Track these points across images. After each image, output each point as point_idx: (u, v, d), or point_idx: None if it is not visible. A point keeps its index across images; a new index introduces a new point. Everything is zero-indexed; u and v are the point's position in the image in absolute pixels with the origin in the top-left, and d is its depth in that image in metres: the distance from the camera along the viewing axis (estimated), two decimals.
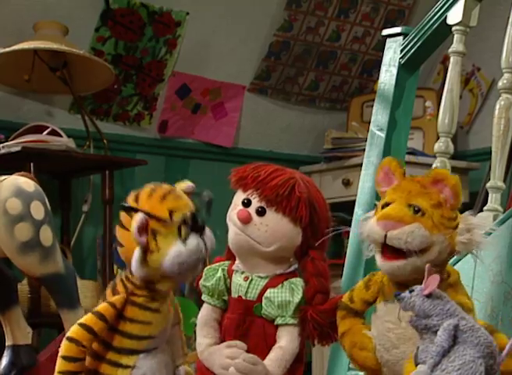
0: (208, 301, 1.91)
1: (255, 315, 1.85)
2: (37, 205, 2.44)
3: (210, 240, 1.80)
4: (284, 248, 1.86)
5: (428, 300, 1.62)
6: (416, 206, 1.74)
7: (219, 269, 1.91)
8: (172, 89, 4.16)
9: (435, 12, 2.61)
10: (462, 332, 1.59)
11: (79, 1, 3.85)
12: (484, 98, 4.28)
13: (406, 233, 1.72)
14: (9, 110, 3.83)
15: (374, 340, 1.79)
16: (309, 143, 4.45)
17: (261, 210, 1.84)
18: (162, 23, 4.03)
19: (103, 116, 4.04)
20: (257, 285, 1.86)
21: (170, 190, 1.82)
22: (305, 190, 1.86)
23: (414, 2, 4.37)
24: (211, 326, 1.90)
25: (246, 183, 1.87)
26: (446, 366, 1.56)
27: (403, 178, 1.80)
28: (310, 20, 4.26)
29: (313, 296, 1.85)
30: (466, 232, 1.73)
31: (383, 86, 2.71)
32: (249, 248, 1.86)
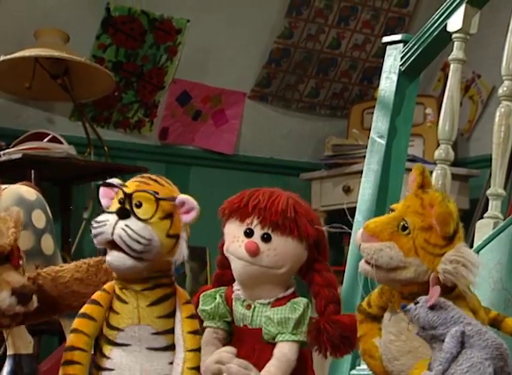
0: (210, 324, 1.90)
1: (263, 342, 1.85)
2: (38, 213, 2.44)
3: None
4: (293, 267, 1.87)
5: (431, 311, 1.62)
6: (405, 223, 1.72)
7: (217, 295, 1.91)
8: (173, 96, 4.16)
9: (436, 19, 2.62)
10: (469, 337, 1.59)
11: (80, 8, 3.85)
12: (484, 105, 4.29)
13: (373, 250, 1.71)
14: (10, 117, 3.84)
15: (380, 349, 1.79)
16: (309, 150, 4.45)
17: (266, 237, 1.84)
18: (163, 31, 4.04)
19: (104, 123, 4.05)
20: (261, 312, 1.86)
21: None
22: (298, 210, 1.86)
23: (414, 10, 4.38)
24: (213, 344, 1.89)
25: (245, 212, 1.87)
26: (455, 370, 1.57)
27: (416, 190, 1.76)
28: (310, 27, 4.27)
29: (325, 307, 1.85)
30: (449, 263, 1.68)
31: (383, 93, 2.71)
32: (261, 276, 1.86)
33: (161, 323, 1.83)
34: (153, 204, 1.80)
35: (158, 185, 1.83)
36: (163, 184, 1.84)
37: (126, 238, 1.77)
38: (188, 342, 1.81)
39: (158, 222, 1.80)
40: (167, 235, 1.80)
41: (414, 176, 1.78)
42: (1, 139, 3.65)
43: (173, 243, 1.81)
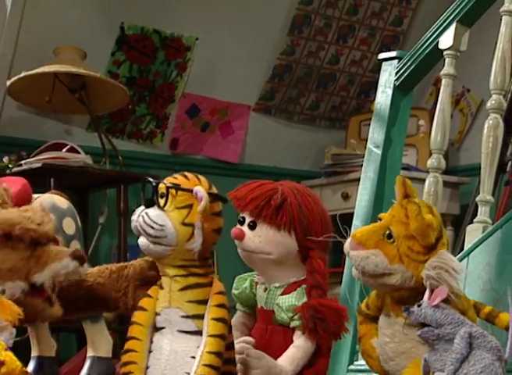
0: (238, 307, 1.93)
1: (275, 323, 1.85)
2: (69, 221, 2.47)
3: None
4: (285, 253, 1.86)
5: (438, 310, 1.61)
6: (390, 232, 1.72)
7: (248, 279, 1.92)
8: (183, 109, 4.16)
9: (428, 37, 2.62)
10: (475, 338, 1.59)
11: (96, 27, 3.86)
12: (473, 117, 4.28)
13: (360, 258, 1.70)
14: (31, 129, 3.84)
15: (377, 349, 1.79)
16: (310, 159, 4.45)
17: (252, 224, 1.87)
18: (173, 48, 4.04)
19: (118, 134, 4.05)
20: (273, 295, 1.86)
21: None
22: (286, 198, 1.85)
23: (408, 28, 4.38)
24: (238, 329, 1.90)
25: (238, 203, 1.89)
26: (468, 370, 1.56)
27: (401, 200, 1.76)
28: (311, 45, 4.27)
29: (309, 292, 1.85)
30: (432, 269, 1.67)
31: (379, 106, 2.71)
32: (254, 260, 1.87)
33: (190, 307, 1.84)
34: (178, 200, 1.83)
35: (184, 179, 1.87)
36: (189, 179, 1.88)
37: (142, 223, 1.82)
38: (210, 328, 1.82)
39: (174, 210, 1.83)
40: (182, 223, 1.82)
41: (398, 186, 1.77)
42: (23, 149, 3.66)
43: (190, 231, 1.82)
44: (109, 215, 3.85)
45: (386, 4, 4.32)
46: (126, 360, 1.84)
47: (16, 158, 3.60)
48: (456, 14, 2.55)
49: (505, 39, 2.46)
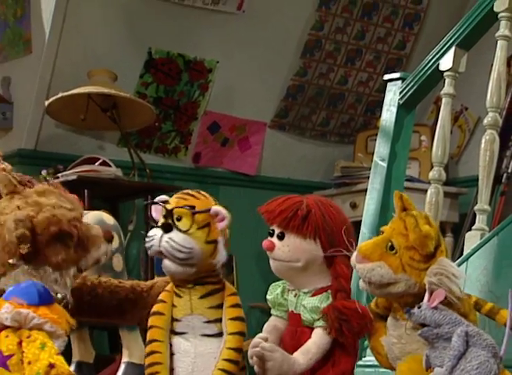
0: (272, 312, 1.92)
1: (303, 326, 1.85)
2: (114, 235, 2.48)
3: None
4: (312, 260, 1.85)
5: (437, 311, 1.61)
6: (392, 244, 1.71)
7: (281, 286, 1.92)
8: (204, 126, 4.17)
9: (429, 60, 2.62)
10: (471, 337, 1.58)
11: (126, 52, 3.87)
12: (471, 133, 4.27)
13: (366, 270, 1.70)
14: (67, 144, 3.84)
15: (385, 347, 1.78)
16: (321, 171, 4.44)
17: (280, 235, 1.86)
18: (196, 70, 4.05)
19: (146, 149, 4.05)
20: (302, 300, 1.86)
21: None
22: (310, 210, 1.84)
23: (411, 52, 4.37)
24: (268, 331, 1.90)
25: (268, 216, 1.89)
26: (465, 366, 1.56)
27: (400, 213, 1.74)
28: (322, 67, 4.27)
29: (335, 295, 1.84)
30: (434, 275, 1.66)
31: (385, 123, 2.72)
32: (285, 270, 1.86)
33: (211, 313, 1.84)
34: (190, 217, 1.81)
35: (194, 199, 1.85)
36: (199, 198, 1.86)
37: (170, 249, 1.80)
38: (229, 327, 1.82)
39: (197, 232, 1.82)
40: (206, 242, 1.82)
41: (396, 201, 1.76)
42: (60, 163, 3.67)
43: (213, 248, 1.83)
44: (137, 223, 3.86)
45: (391, 29, 4.32)
46: (151, 361, 1.84)
47: (54, 171, 3.61)
48: (456, 39, 2.56)
49: (500, 62, 2.46)
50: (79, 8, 3.70)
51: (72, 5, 3.67)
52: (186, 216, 1.82)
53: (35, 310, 1.68)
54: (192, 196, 1.86)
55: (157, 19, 3.87)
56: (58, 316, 1.71)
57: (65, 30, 3.70)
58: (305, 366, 1.81)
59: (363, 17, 4.24)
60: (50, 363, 1.63)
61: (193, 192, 1.88)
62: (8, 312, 1.67)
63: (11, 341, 1.66)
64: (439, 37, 2.72)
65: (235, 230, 2.04)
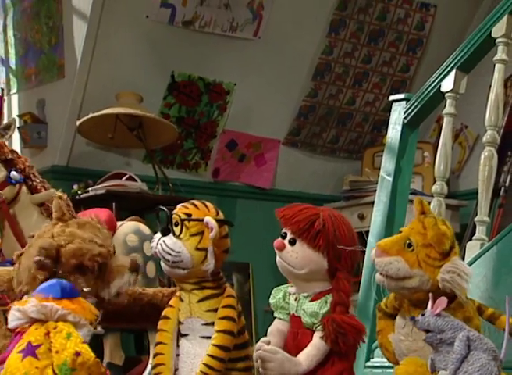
0: (275, 315, 1.91)
1: (304, 328, 1.84)
2: (148, 244, 2.50)
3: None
4: (314, 271, 1.84)
5: (439, 318, 1.60)
6: (410, 241, 1.71)
7: (282, 290, 1.91)
8: (223, 143, 4.17)
9: (432, 82, 2.62)
10: (473, 341, 1.57)
11: (151, 75, 3.89)
12: (471, 149, 4.25)
13: (384, 263, 1.70)
14: (96, 161, 3.86)
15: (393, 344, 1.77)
16: (331, 185, 4.43)
17: (292, 241, 1.85)
18: (215, 92, 4.06)
19: (169, 165, 4.06)
20: (302, 303, 1.85)
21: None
22: (325, 224, 1.83)
23: (414, 74, 4.36)
24: (273, 333, 1.89)
25: (284, 221, 1.88)
26: (467, 368, 1.55)
27: (418, 216, 1.76)
28: (331, 89, 4.27)
29: (334, 307, 1.83)
30: (447, 273, 1.66)
31: (390, 140, 2.71)
32: (287, 272, 1.85)
33: (209, 316, 1.84)
34: (188, 226, 1.82)
35: (194, 209, 1.85)
36: (199, 208, 1.86)
37: (161, 251, 1.83)
38: (218, 325, 1.82)
39: (189, 238, 1.82)
40: (196, 248, 1.82)
41: (416, 205, 1.78)
42: (90, 178, 3.69)
43: (203, 255, 1.83)
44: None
45: (395, 54, 4.32)
46: (156, 362, 1.85)
47: (84, 185, 3.63)
48: (456, 62, 2.55)
49: (498, 83, 2.45)
50: (108, 36, 3.72)
51: (102, 33, 3.70)
52: (184, 223, 1.82)
53: (58, 303, 1.70)
54: (194, 206, 1.87)
55: (179, 45, 3.88)
56: (82, 308, 1.72)
57: (95, 57, 3.72)
58: (306, 367, 1.80)
59: (369, 42, 4.24)
60: (76, 351, 1.65)
61: (198, 202, 1.88)
62: (34, 306, 1.69)
63: (39, 333, 1.68)
64: (440, 60, 2.72)
65: (251, 239, 2.04)
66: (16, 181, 2.36)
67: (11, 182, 2.35)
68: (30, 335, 1.68)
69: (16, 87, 4.01)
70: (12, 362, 1.67)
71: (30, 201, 2.37)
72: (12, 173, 2.35)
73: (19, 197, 2.36)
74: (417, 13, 4.26)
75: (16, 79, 4.01)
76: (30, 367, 1.65)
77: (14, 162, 2.38)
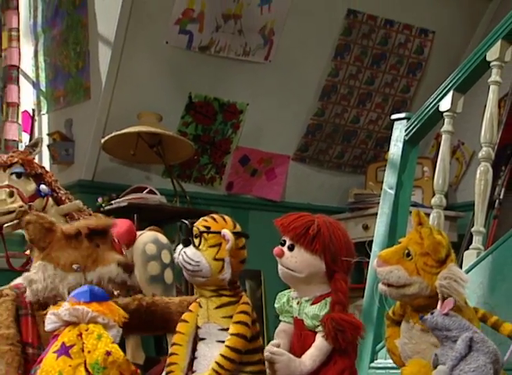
0: (280, 318, 1.91)
1: (306, 330, 1.84)
2: (166, 252, 2.52)
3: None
4: (314, 273, 1.84)
5: (447, 317, 1.60)
6: (409, 251, 1.72)
7: (286, 295, 1.91)
8: (236, 159, 4.18)
9: (430, 102, 2.62)
10: (476, 342, 1.57)
11: (169, 96, 3.90)
12: (467, 164, 4.24)
13: (385, 272, 1.71)
14: (119, 176, 3.87)
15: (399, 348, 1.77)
16: (337, 197, 4.43)
17: (290, 247, 1.86)
18: (229, 112, 4.07)
19: (186, 179, 4.07)
20: (304, 307, 1.85)
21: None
22: (320, 229, 1.84)
23: (414, 95, 4.36)
24: (278, 335, 1.90)
25: (282, 229, 1.89)
26: (464, 367, 1.54)
27: (416, 227, 1.76)
28: (337, 108, 4.28)
29: (333, 306, 1.83)
30: (444, 279, 1.66)
31: (392, 156, 2.71)
32: (289, 277, 1.86)
33: (225, 321, 1.84)
34: (207, 238, 1.83)
35: (213, 222, 1.86)
36: (218, 221, 1.87)
37: (182, 261, 1.84)
38: (232, 329, 1.82)
39: (207, 249, 1.83)
40: (214, 259, 1.83)
41: (413, 217, 1.79)
42: (113, 191, 3.70)
43: (221, 265, 1.83)
44: (179, 242, 3.84)
45: (396, 76, 4.32)
46: (170, 362, 1.85)
47: (108, 198, 3.64)
48: (453, 84, 2.56)
49: (492, 103, 2.45)
50: (130, 60, 3.74)
51: (125, 58, 3.72)
52: (203, 235, 1.83)
53: (88, 306, 1.73)
54: (213, 219, 1.87)
55: (196, 68, 3.90)
56: (110, 310, 1.74)
57: (118, 79, 3.74)
58: (310, 367, 1.80)
59: (372, 65, 4.25)
60: (107, 351, 1.67)
61: (217, 216, 1.89)
62: (67, 309, 1.72)
63: (72, 334, 1.71)
64: (438, 82, 2.72)
65: (262, 248, 2.04)
66: (45, 194, 2.39)
67: (40, 195, 2.38)
68: (64, 336, 1.71)
69: (46, 108, 4.04)
70: (48, 362, 1.69)
71: (57, 212, 2.39)
72: (41, 186, 2.38)
73: (47, 208, 2.39)
74: (416, 38, 4.27)
75: (46, 100, 4.03)
76: (63, 365, 1.67)
77: (42, 177, 2.41)
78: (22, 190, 2.34)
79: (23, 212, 2.31)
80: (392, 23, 4.19)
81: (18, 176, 2.36)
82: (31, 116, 4.04)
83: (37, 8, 4.01)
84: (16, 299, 1.88)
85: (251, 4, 3.87)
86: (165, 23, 3.75)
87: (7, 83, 3.86)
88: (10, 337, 1.82)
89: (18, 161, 2.37)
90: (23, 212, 2.31)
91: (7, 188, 2.32)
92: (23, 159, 2.38)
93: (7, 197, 2.31)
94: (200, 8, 3.79)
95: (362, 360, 2.39)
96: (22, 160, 2.38)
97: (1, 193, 2.32)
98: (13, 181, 2.36)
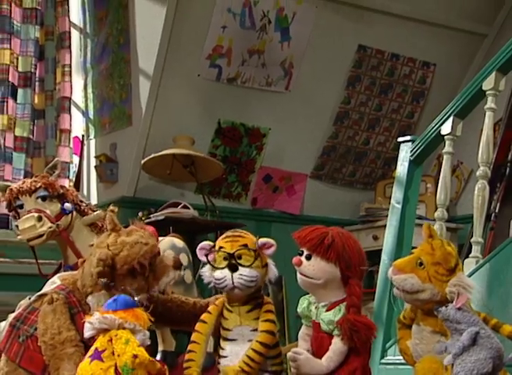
0: (302, 321, 1.90)
1: (323, 332, 1.83)
2: (183, 255, 2.50)
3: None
4: (330, 279, 1.83)
5: (459, 311, 1.59)
6: (421, 261, 1.71)
7: (306, 300, 1.90)
8: (260, 177, 4.18)
9: (433, 126, 2.61)
10: (481, 338, 1.55)
11: (201, 122, 3.91)
12: (466, 181, 4.21)
13: (401, 280, 1.70)
14: (157, 192, 3.88)
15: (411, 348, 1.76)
16: (349, 211, 4.40)
17: (308, 256, 1.84)
18: (254, 135, 4.08)
19: (216, 195, 4.07)
20: (321, 311, 1.84)
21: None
22: (334, 239, 1.83)
23: (418, 120, 4.35)
24: (302, 338, 1.89)
25: (299, 240, 1.88)
26: (465, 358, 1.53)
27: (427, 239, 1.76)
28: (349, 132, 4.27)
29: (348, 309, 1.82)
30: (453, 286, 1.66)
31: (399, 174, 2.70)
32: (308, 284, 1.85)
33: (256, 323, 1.84)
34: (251, 255, 1.82)
35: (243, 239, 1.85)
36: (245, 236, 1.86)
37: (245, 283, 1.81)
38: (261, 326, 1.82)
39: (255, 262, 1.83)
40: (262, 267, 1.83)
41: (424, 230, 1.78)
42: (152, 206, 3.71)
43: (266, 269, 1.84)
44: None
45: (402, 103, 4.31)
46: (187, 358, 1.85)
47: (147, 212, 3.65)
48: (453, 110, 2.55)
49: (488, 127, 2.45)
50: (167, 91, 3.77)
51: (162, 89, 3.75)
52: (244, 253, 1.82)
53: (115, 314, 1.73)
54: (240, 236, 1.85)
55: (224, 97, 3.92)
56: (135, 316, 1.75)
57: (156, 108, 3.77)
58: (325, 367, 1.79)
59: (381, 94, 4.24)
60: (134, 354, 1.68)
61: (238, 232, 1.87)
62: (97, 318, 1.73)
63: (103, 339, 1.71)
64: (439, 108, 2.71)
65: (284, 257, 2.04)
66: (69, 211, 2.35)
67: (65, 212, 2.35)
68: (97, 342, 1.72)
69: (94, 134, 4.09)
70: (83, 366, 1.71)
71: (82, 222, 2.37)
72: (65, 204, 2.34)
73: (72, 223, 2.36)
74: (419, 70, 4.26)
75: (93, 127, 4.08)
76: (95, 368, 1.68)
77: (65, 195, 2.37)
78: (48, 212, 2.31)
79: (52, 232, 2.30)
80: (397, 56, 4.19)
81: (43, 199, 2.32)
82: (81, 140, 4.09)
83: (86, 47, 4.07)
84: (66, 301, 1.87)
85: (273, 40, 3.89)
86: (198, 58, 3.78)
87: (60, 112, 3.92)
88: (73, 339, 1.81)
89: (41, 185, 2.33)
90: (52, 232, 2.30)
91: (35, 213, 2.29)
92: (45, 183, 2.34)
93: (36, 222, 2.28)
94: (228, 45, 3.82)
95: (373, 357, 2.37)
96: (44, 184, 2.34)
97: (31, 219, 2.28)
98: (39, 205, 2.32)
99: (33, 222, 2.28)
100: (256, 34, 3.84)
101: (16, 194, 2.33)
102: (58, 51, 3.90)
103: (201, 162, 3.75)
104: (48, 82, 3.86)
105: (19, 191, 2.33)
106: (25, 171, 3.71)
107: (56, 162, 2.48)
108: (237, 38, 3.81)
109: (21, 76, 3.76)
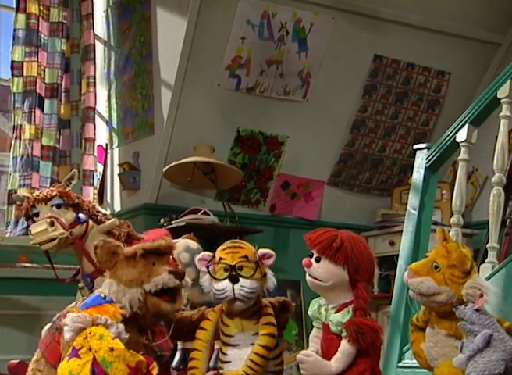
0: (313, 323, 1.90)
1: (332, 334, 1.83)
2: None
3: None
4: (338, 282, 1.83)
5: (476, 313, 1.58)
6: (437, 263, 1.70)
7: (317, 303, 1.90)
8: (278, 184, 4.18)
9: (448, 134, 2.60)
10: (495, 340, 1.55)
11: (221, 131, 3.92)
12: (481, 188, 4.18)
13: (417, 283, 1.69)
14: (178, 199, 3.89)
15: (424, 351, 1.75)
16: (366, 217, 4.39)
17: (317, 259, 1.84)
18: (272, 143, 4.08)
19: (235, 202, 4.07)
20: (330, 313, 1.84)
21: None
22: (343, 243, 1.82)
23: (434, 127, 4.33)
24: (312, 340, 1.88)
25: (309, 243, 1.88)
26: (478, 359, 1.53)
27: (442, 242, 1.75)
28: (366, 140, 4.26)
29: (355, 312, 1.81)
30: (469, 288, 1.65)
31: (415, 181, 2.70)
32: (316, 286, 1.85)
33: (257, 327, 1.85)
34: (251, 266, 1.82)
35: (243, 250, 1.86)
36: (245, 247, 1.87)
37: (245, 294, 1.82)
38: (262, 330, 1.83)
39: (254, 273, 1.84)
40: (261, 277, 1.85)
41: (438, 234, 1.77)
42: (173, 213, 3.72)
43: (265, 279, 1.85)
44: None
45: (418, 111, 4.29)
46: (191, 366, 1.85)
47: (169, 219, 3.67)
48: (468, 118, 2.54)
49: (503, 135, 2.43)
50: (188, 101, 3.79)
51: (183, 99, 3.77)
52: (245, 265, 1.83)
53: (86, 312, 1.76)
54: (240, 248, 1.86)
55: (243, 107, 3.93)
56: (105, 311, 1.76)
57: (177, 117, 3.79)
58: (334, 368, 1.78)
59: (396, 102, 4.23)
60: (110, 348, 1.68)
61: (238, 243, 1.87)
62: (70, 319, 1.76)
63: (79, 338, 1.73)
64: (455, 117, 2.70)
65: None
66: (84, 220, 2.38)
67: (79, 221, 2.37)
68: (75, 342, 1.74)
69: (117, 143, 4.12)
70: (62, 365, 1.73)
71: (98, 231, 2.39)
72: (79, 214, 2.37)
73: (88, 232, 2.38)
74: (434, 79, 4.25)
75: (116, 136, 4.11)
76: (73, 365, 1.70)
77: (80, 206, 2.40)
78: (62, 219, 2.33)
79: (65, 239, 2.31)
80: (413, 65, 4.18)
81: (58, 207, 2.35)
82: (105, 149, 4.13)
83: (110, 59, 4.11)
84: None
85: (291, 51, 3.90)
86: (218, 69, 3.80)
87: (85, 121, 3.96)
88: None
89: (56, 194, 2.36)
90: (64, 238, 2.31)
91: (48, 218, 2.31)
92: (60, 192, 2.37)
93: (48, 226, 2.29)
94: (247, 56, 3.84)
95: (391, 360, 2.36)
96: (60, 193, 2.36)
97: (43, 223, 2.31)
98: (54, 212, 2.33)
99: (45, 226, 2.31)
100: (274, 45, 3.85)
101: (32, 203, 2.37)
102: (83, 63, 3.95)
103: (221, 169, 3.76)
104: (74, 93, 3.90)
105: (36, 199, 2.37)
106: (51, 179, 3.74)
107: (73, 173, 2.51)
108: (256, 49, 3.82)
109: (48, 87, 3.81)
